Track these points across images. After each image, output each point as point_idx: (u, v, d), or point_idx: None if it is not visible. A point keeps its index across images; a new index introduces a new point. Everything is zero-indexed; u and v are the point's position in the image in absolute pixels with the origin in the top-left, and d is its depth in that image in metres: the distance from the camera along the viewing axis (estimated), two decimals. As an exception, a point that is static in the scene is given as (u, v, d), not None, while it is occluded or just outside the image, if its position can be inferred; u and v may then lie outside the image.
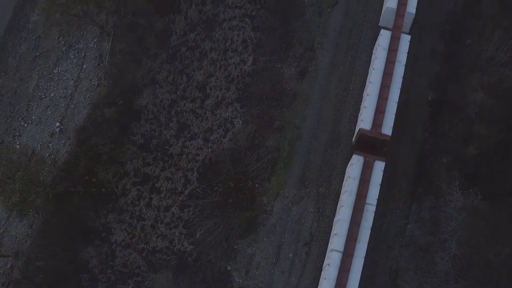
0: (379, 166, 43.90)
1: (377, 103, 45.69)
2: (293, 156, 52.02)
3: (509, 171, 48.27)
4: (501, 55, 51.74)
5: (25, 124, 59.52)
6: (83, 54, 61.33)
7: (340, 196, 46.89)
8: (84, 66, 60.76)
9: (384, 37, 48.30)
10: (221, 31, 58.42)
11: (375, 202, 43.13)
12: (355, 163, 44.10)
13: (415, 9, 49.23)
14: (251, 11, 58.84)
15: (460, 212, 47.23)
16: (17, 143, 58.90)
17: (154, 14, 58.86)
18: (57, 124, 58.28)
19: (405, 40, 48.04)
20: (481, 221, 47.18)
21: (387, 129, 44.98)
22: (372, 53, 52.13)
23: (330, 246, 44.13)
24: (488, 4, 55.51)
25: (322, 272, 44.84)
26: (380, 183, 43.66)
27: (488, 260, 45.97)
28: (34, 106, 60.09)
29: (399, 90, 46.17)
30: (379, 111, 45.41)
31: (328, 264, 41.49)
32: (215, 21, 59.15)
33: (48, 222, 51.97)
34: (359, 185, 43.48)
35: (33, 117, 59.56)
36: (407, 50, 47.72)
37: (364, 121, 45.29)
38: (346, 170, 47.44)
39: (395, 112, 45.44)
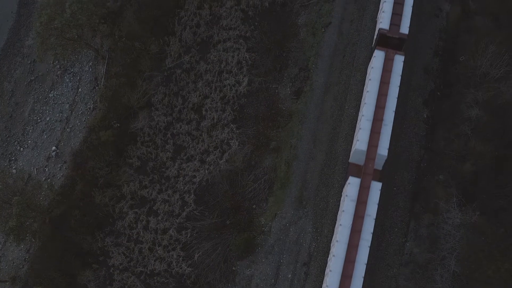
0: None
1: (343, 266, 40.14)
2: (290, 176, 51.92)
3: (506, 187, 48.26)
4: (495, 71, 51.88)
5: (21, 148, 59.52)
6: (78, 78, 61.56)
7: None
8: (80, 89, 60.94)
9: (352, 187, 41.99)
10: (215, 52, 58.66)
11: None
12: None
13: (387, 151, 42.99)
14: (245, 32, 59.10)
15: (458, 229, 47.16)
16: (13, 167, 58.87)
17: (149, 36, 59.09)
18: (53, 148, 58.30)
19: (375, 190, 41.91)
20: (479, 237, 47.09)
21: None
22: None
23: None
24: (480, 20, 55.84)
25: None
26: None
27: (487, 276, 45.78)
28: (30, 130, 60.13)
29: (368, 248, 40.68)
30: (346, 276, 39.94)
31: None
32: (210, 42, 59.44)
33: (45, 246, 51.77)
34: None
35: (29, 141, 59.58)
36: (377, 201, 41.76)
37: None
38: None
39: (363, 276, 40.28)
